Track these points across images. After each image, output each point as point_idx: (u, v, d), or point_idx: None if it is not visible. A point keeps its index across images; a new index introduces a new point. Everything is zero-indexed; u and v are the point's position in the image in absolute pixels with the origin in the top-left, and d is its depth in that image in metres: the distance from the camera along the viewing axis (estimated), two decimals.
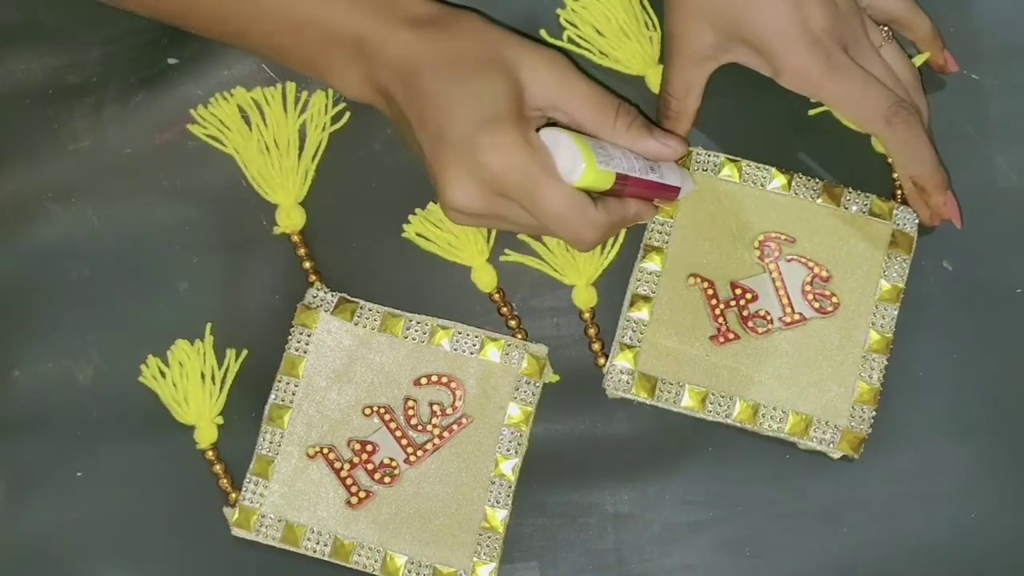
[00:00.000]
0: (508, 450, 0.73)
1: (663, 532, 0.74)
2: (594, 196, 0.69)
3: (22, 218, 0.77)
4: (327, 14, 0.69)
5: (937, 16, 0.78)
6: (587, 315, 0.76)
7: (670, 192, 0.73)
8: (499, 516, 0.73)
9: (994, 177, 0.78)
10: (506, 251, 0.76)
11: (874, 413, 0.74)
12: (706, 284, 0.75)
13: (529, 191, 0.67)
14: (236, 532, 0.73)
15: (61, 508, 0.74)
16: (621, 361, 0.74)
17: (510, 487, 0.73)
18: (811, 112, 0.76)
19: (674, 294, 0.75)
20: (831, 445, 0.73)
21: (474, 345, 0.74)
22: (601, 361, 0.75)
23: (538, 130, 0.68)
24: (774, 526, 0.74)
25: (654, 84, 0.77)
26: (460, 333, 0.75)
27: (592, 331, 0.76)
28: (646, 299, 0.75)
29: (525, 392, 0.74)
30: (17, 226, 0.77)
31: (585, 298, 0.76)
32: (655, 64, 0.77)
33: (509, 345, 0.74)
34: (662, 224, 0.76)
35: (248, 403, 0.75)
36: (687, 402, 0.74)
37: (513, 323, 0.75)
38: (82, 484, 0.74)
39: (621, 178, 0.69)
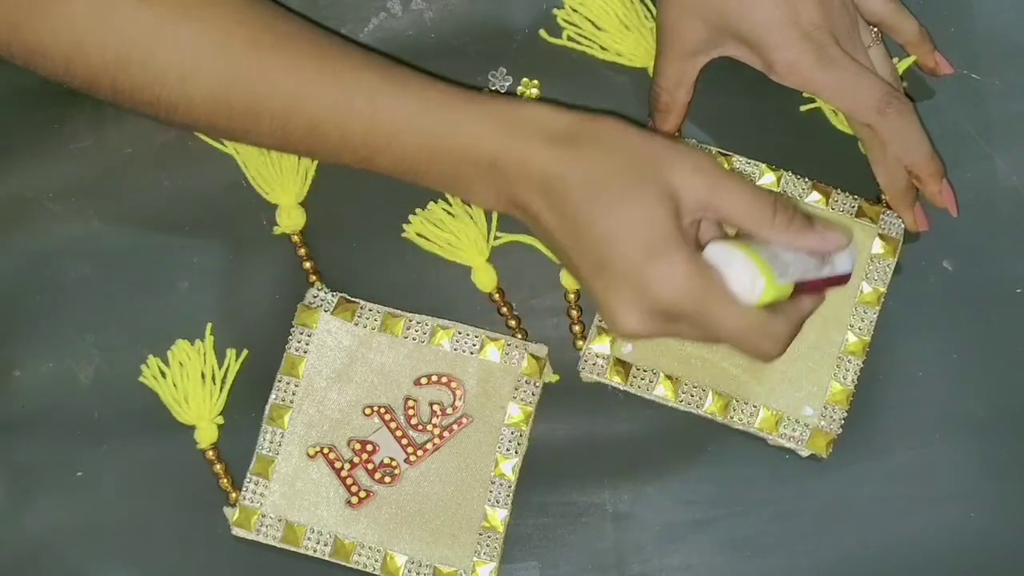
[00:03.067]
0: (508, 450, 0.73)
1: (663, 532, 0.74)
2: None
3: (22, 218, 0.77)
4: (459, 138, 0.66)
5: (937, 16, 0.78)
6: (571, 296, 0.76)
7: (842, 281, 0.69)
8: (499, 516, 0.73)
9: (994, 177, 0.78)
10: (498, 234, 0.76)
11: (845, 414, 0.74)
12: None
13: (704, 317, 0.64)
14: (236, 532, 0.73)
15: (61, 508, 0.74)
16: (597, 345, 0.74)
17: (510, 487, 0.73)
18: (802, 108, 0.76)
19: None
20: (800, 443, 0.74)
21: (474, 345, 0.74)
22: (579, 343, 0.75)
23: (702, 245, 0.66)
24: (774, 526, 0.74)
25: None
26: (460, 333, 0.75)
27: (574, 313, 0.76)
28: None
29: (525, 392, 0.74)
30: (17, 226, 0.77)
31: (572, 279, 0.76)
32: None
33: (509, 345, 0.74)
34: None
35: (248, 403, 0.75)
36: (660, 391, 0.74)
37: (513, 323, 0.75)
38: (82, 484, 0.74)
39: (799, 286, 0.66)
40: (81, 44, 0.66)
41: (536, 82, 0.78)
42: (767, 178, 0.76)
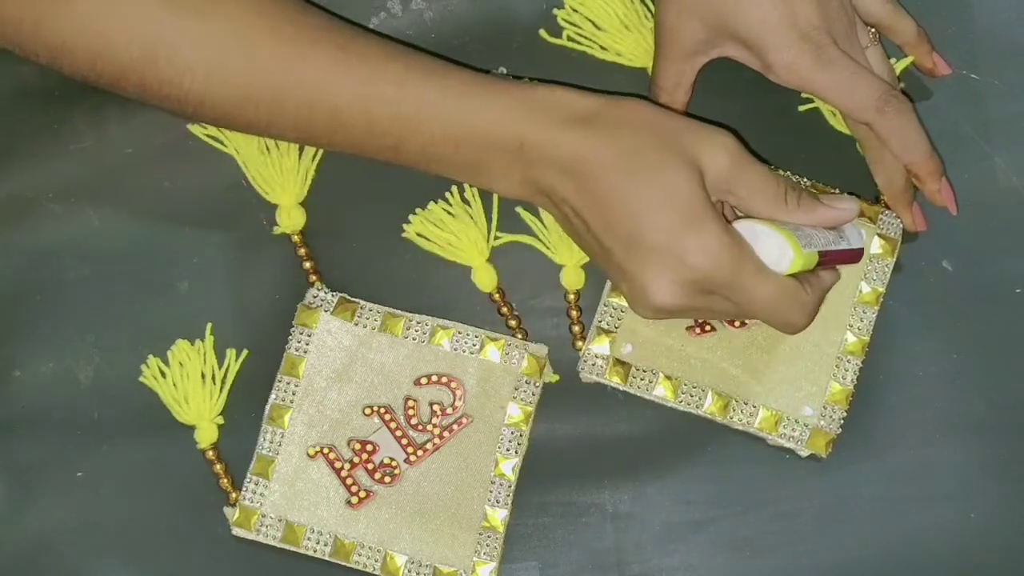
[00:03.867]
0: (508, 450, 0.73)
1: (663, 532, 0.74)
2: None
3: (22, 218, 0.77)
4: (486, 123, 0.67)
5: (937, 16, 0.78)
6: (572, 296, 0.76)
7: (856, 255, 0.72)
8: (499, 516, 0.73)
9: (994, 177, 0.78)
10: (498, 234, 0.76)
11: (844, 414, 0.74)
12: None
13: (740, 287, 0.66)
14: (236, 532, 0.73)
15: (61, 508, 0.74)
16: (597, 345, 0.74)
17: (510, 487, 0.73)
18: (801, 108, 0.76)
19: None
20: (799, 443, 0.73)
21: (474, 345, 0.74)
22: (579, 344, 0.75)
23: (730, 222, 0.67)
24: (774, 526, 0.74)
25: None
26: (460, 333, 0.75)
27: (574, 313, 0.76)
28: None
29: (525, 392, 0.74)
30: (17, 226, 0.77)
31: (572, 279, 0.75)
32: None
33: (509, 345, 0.74)
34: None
35: (248, 403, 0.75)
36: (660, 392, 0.74)
37: (513, 323, 0.75)
38: (82, 484, 0.74)
39: (822, 255, 0.68)
40: (108, 41, 0.66)
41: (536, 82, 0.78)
42: None
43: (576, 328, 0.76)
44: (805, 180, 0.76)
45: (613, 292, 0.75)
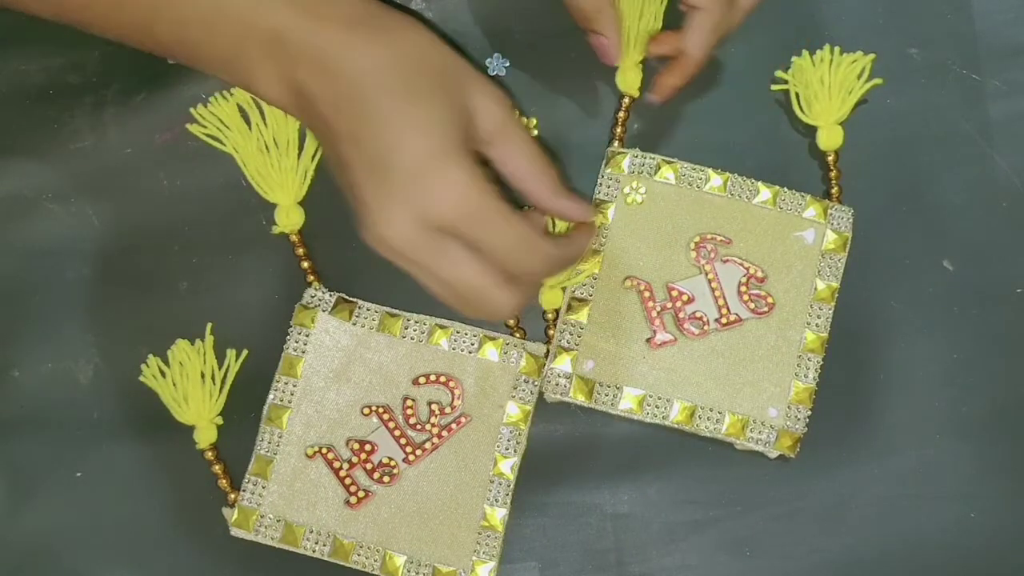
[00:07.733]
0: (507, 449, 0.73)
1: (663, 532, 0.74)
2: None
3: (22, 218, 0.77)
4: (240, 5, 0.61)
5: (937, 16, 0.78)
6: (550, 315, 0.75)
7: None
8: (498, 515, 0.73)
9: (994, 177, 0.78)
10: None
11: (809, 412, 0.74)
12: (643, 286, 0.75)
13: (484, 227, 0.61)
14: (235, 532, 0.73)
15: (61, 508, 0.74)
16: (559, 365, 0.74)
17: (509, 486, 0.73)
18: (773, 87, 0.76)
19: (611, 296, 0.75)
20: (767, 445, 0.73)
21: (472, 344, 0.74)
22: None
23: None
24: (774, 526, 0.74)
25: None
26: (458, 332, 0.75)
27: (552, 333, 0.75)
28: (583, 301, 0.75)
29: (523, 391, 0.74)
30: (17, 226, 0.77)
31: (550, 299, 0.75)
32: None
33: (507, 344, 0.74)
34: (599, 226, 0.75)
35: (248, 403, 0.75)
36: (625, 405, 0.74)
37: (511, 322, 0.75)
38: (82, 484, 0.75)
39: None
40: None
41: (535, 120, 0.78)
42: (713, 183, 0.76)
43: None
44: (753, 180, 0.76)
45: (570, 310, 0.75)
